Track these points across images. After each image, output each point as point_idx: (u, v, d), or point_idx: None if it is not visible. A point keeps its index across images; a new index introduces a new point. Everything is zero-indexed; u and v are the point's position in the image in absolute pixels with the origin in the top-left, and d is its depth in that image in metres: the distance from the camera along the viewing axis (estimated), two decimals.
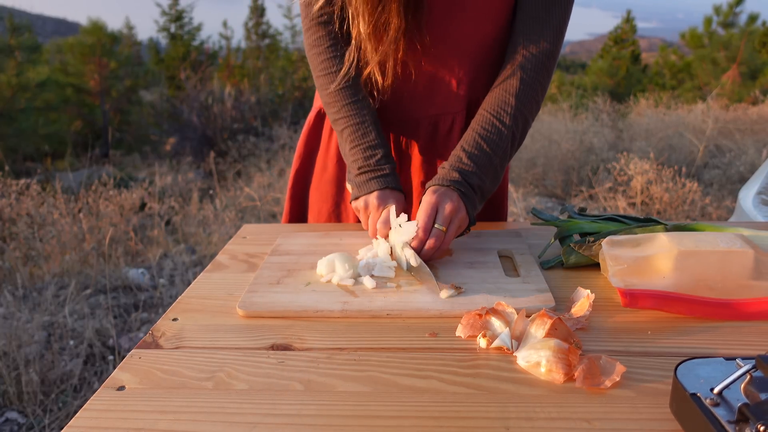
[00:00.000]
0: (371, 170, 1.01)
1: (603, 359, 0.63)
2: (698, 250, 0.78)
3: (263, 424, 0.57)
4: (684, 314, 0.75)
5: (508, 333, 0.69)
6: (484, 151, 0.96)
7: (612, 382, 0.60)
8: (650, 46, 42.05)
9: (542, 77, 1.00)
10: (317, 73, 1.08)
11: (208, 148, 7.96)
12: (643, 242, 0.83)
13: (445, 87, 1.09)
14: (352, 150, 1.03)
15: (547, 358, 0.63)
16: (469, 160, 0.96)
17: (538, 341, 0.66)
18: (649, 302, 0.75)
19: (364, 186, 1.01)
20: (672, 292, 0.75)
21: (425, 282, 0.86)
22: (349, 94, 1.04)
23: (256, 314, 0.80)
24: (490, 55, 1.07)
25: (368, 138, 1.02)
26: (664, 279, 0.77)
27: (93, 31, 10.44)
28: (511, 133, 0.98)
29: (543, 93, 1.02)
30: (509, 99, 0.98)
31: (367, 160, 1.01)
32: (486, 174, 0.97)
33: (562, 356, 0.63)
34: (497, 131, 0.97)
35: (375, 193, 0.99)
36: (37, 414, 2.16)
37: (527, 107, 0.99)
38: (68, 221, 3.92)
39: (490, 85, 1.07)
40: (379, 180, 1.00)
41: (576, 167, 5.98)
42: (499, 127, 0.98)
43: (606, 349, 0.68)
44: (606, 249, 0.83)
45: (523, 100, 0.98)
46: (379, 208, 0.98)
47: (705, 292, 0.76)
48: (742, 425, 0.46)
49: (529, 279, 0.86)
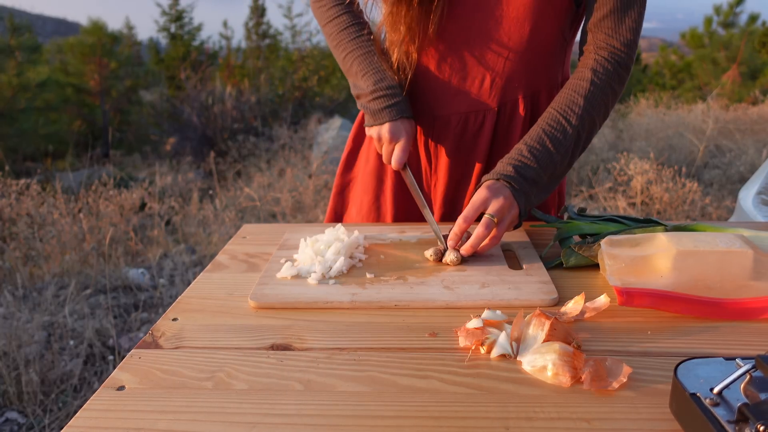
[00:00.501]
0: (383, 96, 1.06)
1: (609, 361, 0.63)
2: (697, 250, 0.78)
3: (263, 424, 0.57)
4: (681, 313, 0.75)
5: (506, 338, 0.68)
6: (546, 147, 0.96)
7: (619, 383, 0.60)
8: (650, 46, 42.06)
9: (614, 83, 1.00)
10: (323, 22, 1.13)
11: (208, 148, 7.96)
12: (642, 242, 0.83)
13: (477, 84, 1.08)
14: (363, 77, 1.08)
15: (553, 361, 0.63)
16: (529, 153, 0.96)
17: (542, 345, 0.66)
18: (646, 301, 0.74)
19: (378, 115, 1.06)
20: (670, 291, 0.75)
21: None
22: (354, 31, 1.10)
23: (268, 305, 0.81)
24: (531, 57, 1.06)
25: (377, 66, 1.07)
26: (662, 278, 0.77)
27: (93, 31, 10.44)
28: (576, 132, 0.98)
29: (614, 99, 1.01)
30: (578, 99, 0.98)
31: (377, 83, 1.06)
32: (545, 169, 0.96)
33: (567, 359, 0.63)
34: (562, 129, 0.97)
35: (387, 126, 1.05)
36: (37, 414, 2.16)
37: (596, 110, 0.99)
38: (68, 221, 3.92)
39: (534, 88, 1.08)
40: (391, 110, 1.05)
41: (576, 167, 5.98)
42: (564, 125, 0.97)
43: (606, 349, 0.68)
44: (605, 248, 0.83)
45: (592, 102, 0.98)
46: (392, 142, 1.05)
47: (703, 291, 0.76)
48: (741, 425, 0.46)
49: (532, 272, 0.88)
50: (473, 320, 0.72)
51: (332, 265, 0.90)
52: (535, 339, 0.68)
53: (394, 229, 1.12)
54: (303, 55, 11.59)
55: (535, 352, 0.65)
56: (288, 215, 4.67)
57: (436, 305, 0.80)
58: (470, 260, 0.94)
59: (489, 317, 0.73)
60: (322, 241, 0.95)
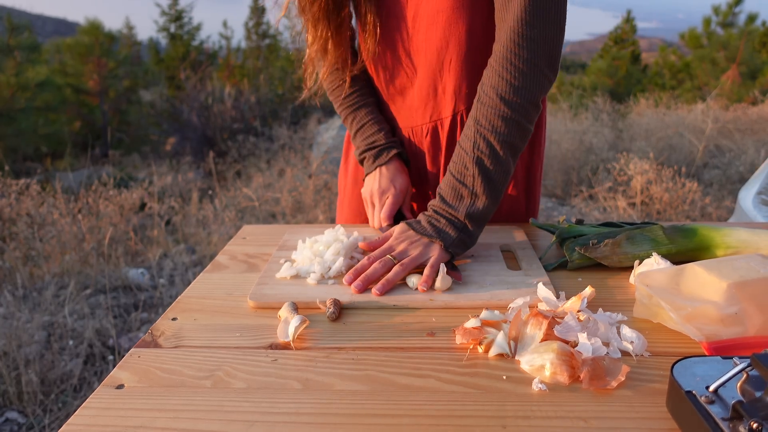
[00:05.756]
0: (374, 148, 1.12)
1: (606, 360, 0.63)
2: (746, 280, 0.69)
3: (261, 423, 0.57)
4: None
5: (504, 337, 0.69)
6: (453, 183, 0.92)
7: (618, 382, 0.61)
8: (650, 46, 42.04)
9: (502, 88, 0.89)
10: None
11: (208, 148, 7.96)
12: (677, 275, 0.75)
13: (433, 95, 1.08)
14: (357, 133, 1.15)
15: (551, 360, 0.63)
16: (438, 201, 0.93)
17: (541, 345, 0.66)
18: (742, 352, 0.66)
19: (370, 166, 1.13)
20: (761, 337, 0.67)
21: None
22: (339, 94, 1.17)
23: (266, 305, 0.82)
24: (463, 62, 1.03)
25: (367, 121, 1.14)
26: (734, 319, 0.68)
27: (90, 31, 10.43)
28: (474, 156, 0.90)
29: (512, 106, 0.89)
30: (470, 123, 0.92)
31: (369, 138, 1.13)
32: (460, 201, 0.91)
33: (565, 359, 0.63)
34: (461, 159, 0.92)
35: (377, 183, 1.11)
36: (37, 414, 2.16)
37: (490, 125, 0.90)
38: (68, 221, 3.92)
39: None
40: (381, 160, 1.12)
41: (576, 167, 5.98)
42: (462, 155, 0.92)
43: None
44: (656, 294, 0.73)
45: (481, 121, 0.90)
46: (381, 198, 1.10)
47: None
48: (735, 422, 0.47)
49: (530, 272, 0.89)
50: (471, 320, 0.73)
51: (331, 265, 0.90)
52: (533, 338, 0.68)
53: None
54: (303, 56, 11.58)
55: (533, 352, 0.66)
56: (288, 215, 4.67)
57: (435, 305, 0.80)
58: (470, 260, 0.94)
59: (487, 317, 0.74)
60: (321, 242, 0.96)
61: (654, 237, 0.91)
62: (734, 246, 0.90)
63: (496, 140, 0.89)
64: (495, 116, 0.89)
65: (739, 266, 0.72)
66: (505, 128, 0.89)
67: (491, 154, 0.89)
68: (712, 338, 0.67)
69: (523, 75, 0.88)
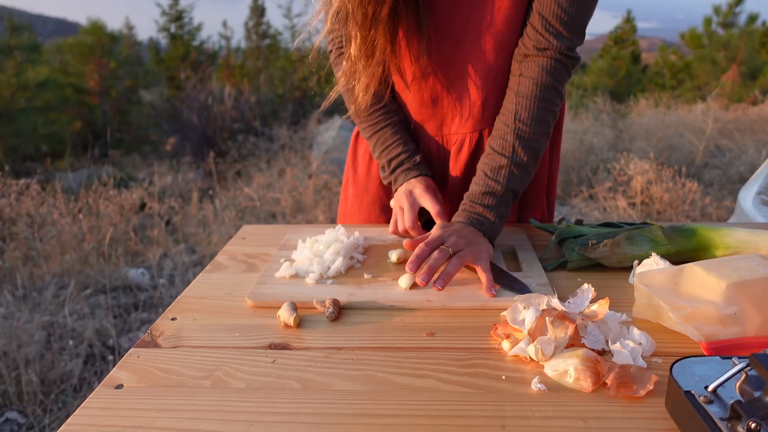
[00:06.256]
0: (401, 166, 1.09)
1: (633, 368, 0.62)
2: (745, 281, 0.70)
3: (260, 422, 0.57)
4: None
5: (527, 342, 0.68)
6: (487, 181, 0.97)
7: (646, 391, 0.59)
8: (650, 46, 42.02)
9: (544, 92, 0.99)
10: (344, 94, 1.14)
11: (208, 148, 7.96)
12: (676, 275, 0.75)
13: (463, 108, 1.09)
14: (382, 153, 1.11)
15: (575, 366, 0.62)
16: (468, 199, 0.97)
17: (566, 351, 0.65)
18: (741, 352, 0.66)
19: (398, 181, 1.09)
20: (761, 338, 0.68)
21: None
22: (366, 116, 1.12)
23: (265, 305, 0.82)
24: (500, 79, 1.06)
25: (393, 140, 1.10)
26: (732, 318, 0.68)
27: (92, 31, 10.44)
28: (510, 157, 0.97)
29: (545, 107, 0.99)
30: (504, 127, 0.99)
31: (396, 157, 1.09)
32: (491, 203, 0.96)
33: (590, 365, 0.62)
34: (501, 134, 0.98)
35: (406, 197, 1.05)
36: (37, 414, 2.16)
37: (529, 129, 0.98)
38: (68, 221, 3.92)
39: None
40: (409, 175, 1.08)
41: (576, 167, 5.98)
42: (503, 130, 0.98)
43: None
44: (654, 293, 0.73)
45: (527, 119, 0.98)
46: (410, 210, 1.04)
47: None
48: (734, 422, 0.47)
49: (530, 273, 0.89)
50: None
51: (330, 265, 0.90)
52: (558, 343, 0.67)
53: None
54: (303, 55, 11.59)
55: (558, 357, 0.65)
56: (288, 215, 4.67)
57: (433, 306, 0.80)
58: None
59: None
60: (321, 242, 0.96)
61: (653, 237, 0.91)
62: (733, 246, 0.90)
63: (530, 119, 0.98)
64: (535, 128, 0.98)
65: (738, 266, 0.72)
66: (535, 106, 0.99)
67: (528, 130, 0.98)
68: (711, 338, 0.68)
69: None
